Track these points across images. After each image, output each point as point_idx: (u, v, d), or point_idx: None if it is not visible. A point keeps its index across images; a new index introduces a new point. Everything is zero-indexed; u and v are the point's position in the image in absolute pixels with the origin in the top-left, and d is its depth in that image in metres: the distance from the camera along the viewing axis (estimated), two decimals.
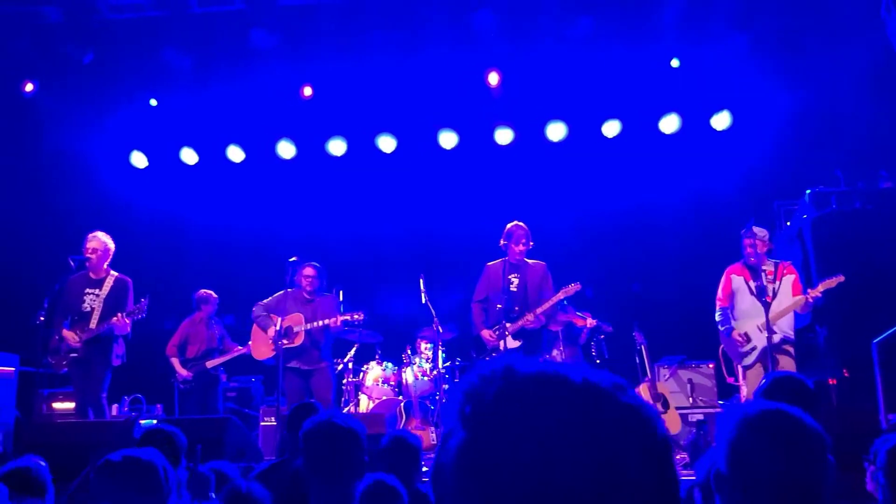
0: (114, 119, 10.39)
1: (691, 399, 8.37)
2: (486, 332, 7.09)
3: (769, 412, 1.78)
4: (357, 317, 7.28)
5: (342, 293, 7.83)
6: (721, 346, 7.05)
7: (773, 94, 9.29)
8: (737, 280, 6.78)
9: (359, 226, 10.65)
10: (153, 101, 10.30)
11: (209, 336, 8.86)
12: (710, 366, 8.40)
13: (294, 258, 7.46)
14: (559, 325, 8.33)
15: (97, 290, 6.99)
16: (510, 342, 6.95)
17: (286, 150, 10.62)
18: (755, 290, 6.52)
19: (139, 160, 10.81)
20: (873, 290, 7.02)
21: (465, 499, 0.75)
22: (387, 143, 10.48)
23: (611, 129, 10.06)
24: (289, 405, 6.49)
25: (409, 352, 9.03)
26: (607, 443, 0.73)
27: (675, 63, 9.48)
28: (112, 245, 7.20)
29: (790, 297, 6.54)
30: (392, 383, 8.84)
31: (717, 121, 9.78)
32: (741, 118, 9.69)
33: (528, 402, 0.75)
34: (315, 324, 7.33)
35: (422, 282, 7.91)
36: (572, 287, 7.31)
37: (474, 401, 0.77)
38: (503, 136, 10.30)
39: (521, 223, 7.25)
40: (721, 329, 6.84)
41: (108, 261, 7.16)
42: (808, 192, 8.14)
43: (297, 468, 3.05)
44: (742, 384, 6.70)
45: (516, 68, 9.81)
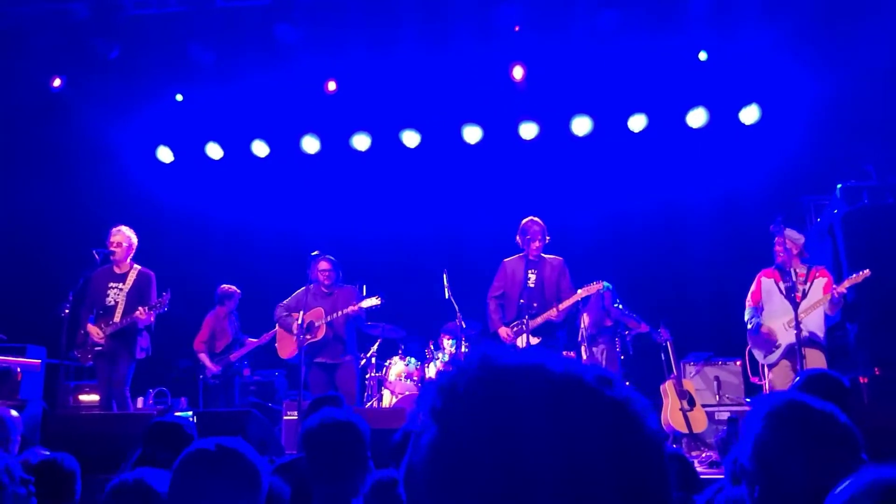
0: (140, 114, 10.47)
1: (718, 396, 8.25)
2: (504, 330, 7.01)
3: (795, 405, 1.72)
4: (375, 301, 7.24)
5: (365, 287, 7.81)
6: (748, 347, 6.95)
7: (803, 87, 9.11)
8: (767, 282, 6.71)
9: (382, 220, 10.63)
10: (179, 97, 10.37)
11: (233, 330, 8.96)
12: (738, 363, 8.27)
13: (316, 252, 7.45)
14: (612, 321, 8.26)
15: (121, 284, 7.03)
16: (531, 340, 6.88)
17: (310, 144, 10.64)
18: (785, 291, 6.43)
19: (165, 155, 10.89)
20: None
21: (434, 497, 0.69)
22: (411, 138, 10.45)
23: (637, 123, 9.94)
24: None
25: (432, 347, 9.00)
26: (587, 440, 0.68)
27: (703, 56, 9.34)
28: (136, 239, 7.24)
29: (820, 296, 6.43)
30: (415, 378, 8.81)
31: (746, 114, 9.63)
32: (770, 112, 9.53)
33: (502, 395, 0.69)
34: (335, 315, 7.31)
35: (445, 277, 7.87)
36: (594, 286, 7.23)
37: (446, 394, 0.72)
38: (528, 130, 10.22)
39: (536, 219, 7.15)
40: (749, 327, 6.74)
41: (132, 254, 7.21)
42: (838, 186, 7.97)
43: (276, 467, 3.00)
44: (765, 383, 6.59)
45: (541, 62, 9.72)
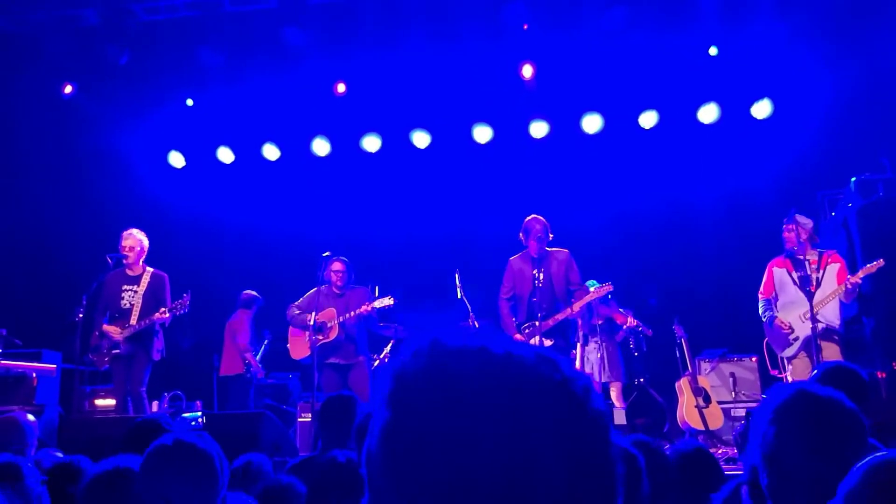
0: (151, 119, 10.52)
1: (734, 393, 8.19)
2: (518, 337, 6.96)
3: (802, 395, 1.70)
4: (388, 301, 7.22)
5: (377, 289, 7.81)
6: (765, 339, 6.89)
7: (815, 81, 9.04)
8: (779, 272, 6.63)
9: (394, 221, 10.63)
10: (189, 101, 10.41)
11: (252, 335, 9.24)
12: (753, 359, 8.20)
13: (327, 253, 7.45)
14: (600, 319, 8.23)
15: (135, 287, 7.06)
16: (543, 341, 6.83)
17: (321, 147, 10.65)
18: (798, 281, 6.37)
19: (177, 160, 10.93)
20: None
21: (388, 481, 0.70)
22: (421, 139, 10.44)
23: (648, 120, 9.89)
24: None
25: None
26: (529, 420, 0.68)
27: (714, 51, 9.29)
28: (147, 242, 7.27)
29: (834, 285, 6.36)
30: None
31: (758, 109, 9.56)
32: (782, 106, 9.45)
33: (447, 378, 0.70)
34: (347, 315, 7.30)
35: (457, 277, 7.85)
36: (604, 288, 7.19)
37: (396, 379, 0.73)
38: (538, 129, 10.19)
39: (538, 216, 7.09)
40: (764, 320, 6.69)
41: (144, 257, 7.24)
42: (853, 180, 7.90)
43: (329, 461, 2.97)
44: (785, 376, 6.54)
45: (551, 60, 9.69)
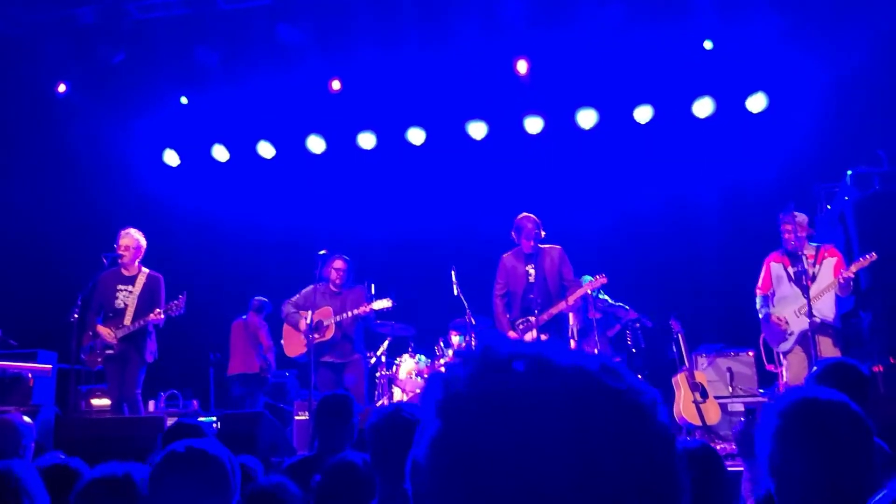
0: (146, 118, 10.50)
1: (731, 388, 8.18)
2: (512, 336, 6.94)
3: (807, 401, 1.68)
4: (386, 304, 7.19)
5: (374, 286, 7.79)
6: (762, 335, 6.89)
7: (810, 74, 9.03)
8: (776, 267, 6.64)
9: (390, 218, 10.62)
10: (184, 100, 10.37)
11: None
12: (750, 354, 8.20)
13: (324, 251, 7.43)
14: (599, 313, 8.21)
15: (130, 287, 7.03)
16: (539, 336, 6.82)
17: (316, 144, 10.63)
18: (794, 276, 6.38)
19: (172, 158, 10.91)
20: None
21: (439, 496, 0.67)
22: (416, 136, 10.42)
23: (643, 114, 9.88)
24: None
25: (441, 344, 8.98)
26: (591, 433, 0.65)
27: (709, 45, 9.27)
28: (144, 242, 7.24)
29: (830, 280, 6.37)
30: (425, 376, 8.79)
31: (753, 103, 9.55)
32: (777, 99, 9.45)
33: (506, 389, 0.67)
34: (344, 315, 7.28)
35: (453, 273, 7.83)
36: (598, 279, 7.19)
37: (449, 387, 0.70)
38: (533, 124, 10.17)
39: (530, 214, 7.07)
40: (760, 316, 6.69)
41: (140, 257, 7.21)
42: (849, 173, 7.89)
43: (335, 462, 2.93)
44: (781, 370, 6.54)
45: (545, 55, 9.67)
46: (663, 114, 9.84)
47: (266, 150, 10.73)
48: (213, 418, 5.89)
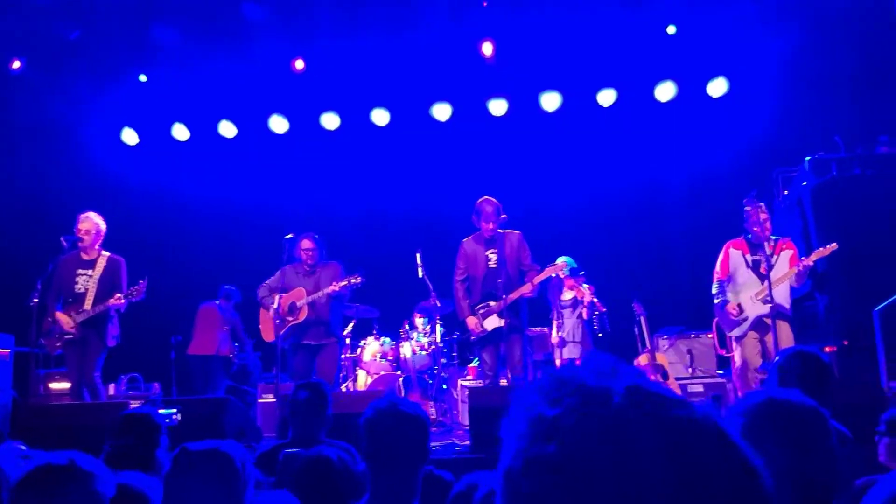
0: (104, 96, 10.27)
1: (691, 369, 8.35)
2: (472, 321, 6.96)
3: (770, 403, 1.74)
4: (355, 280, 7.14)
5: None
6: (715, 319, 7.02)
7: (771, 60, 9.17)
8: (735, 254, 6.73)
9: (354, 200, 10.57)
10: (143, 77, 10.16)
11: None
12: (710, 336, 8.33)
13: (290, 235, 7.34)
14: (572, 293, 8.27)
15: (90, 271, 6.90)
16: (495, 321, 6.86)
17: (279, 124, 10.50)
18: (752, 264, 6.50)
19: (130, 137, 10.70)
20: (874, 257, 6.96)
21: None
22: (380, 117, 10.36)
23: (606, 98, 9.95)
24: (296, 383, 6.41)
25: (406, 326, 9.00)
26: (693, 474, 0.68)
27: (672, 29, 9.35)
28: (104, 226, 7.10)
29: (786, 270, 6.50)
30: (390, 358, 8.81)
31: (714, 88, 9.67)
32: (738, 85, 9.58)
33: (605, 420, 0.69)
34: (317, 294, 7.21)
35: (418, 256, 7.84)
36: (559, 263, 7.24)
37: (553, 411, 0.71)
38: (497, 107, 10.18)
39: (490, 198, 7.06)
40: (716, 302, 6.80)
41: (101, 241, 7.08)
42: (807, 159, 8.05)
43: (317, 457, 2.90)
44: (733, 355, 6.67)
45: (510, 38, 9.67)
46: (626, 97, 9.93)
47: (228, 130, 10.58)
48: (174, 410, 5.80)
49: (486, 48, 9.69)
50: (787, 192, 8.57)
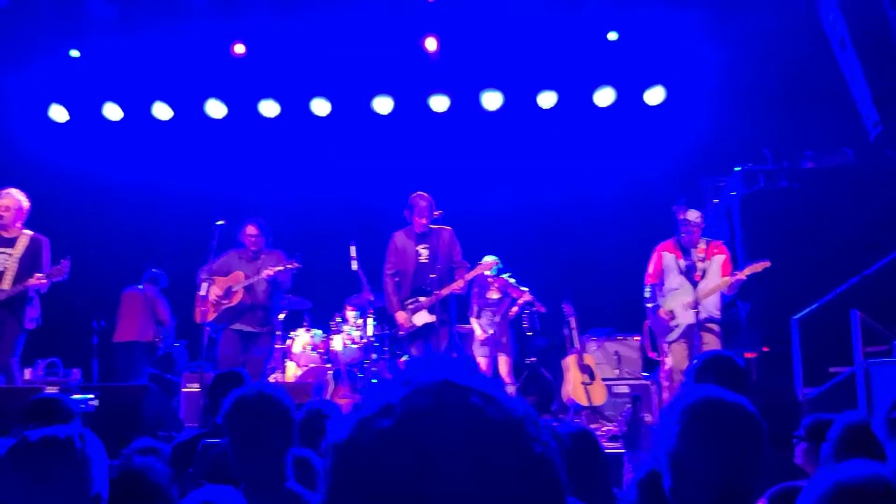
0: (30, 70, 9.88)
1: (618, 371, 8.51)
2: (401, 316, 6.96)
3: (708, 401, 1.78)
4: (290, 266, 7.05)
5: None
6: (647, 322, 7.15)
7: (707, 69, 9.37)
8: (667, 257, 6.84)
9: (290, 189, 10.43)
10: (74, 53, 9.82)
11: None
12: (637, 339, 8.53)
13: (221, 222, 7.20)
14: (498, 293, 8.33)
15: (9, 250, 6.65)
16: (425, 317, 6.87)
17: (216, 109, 10.28)
18: (684, 269, 6.62)
19: (59, 114, 10.32)
20: (795, 268, 7.19)
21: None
22: (321, 107, 10.24)
23: (547, 100, 10.03)
24: (220, 370, 6.28)
25: (338, 319, 8.93)
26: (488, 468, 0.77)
27: (613, 36, 9.48)
28: (27, 203, 6.85)
29: (719, 277, 6.65)
30: (321, 350, 8.75)
31: (651, 95, 9.85)
32: (674, 93, 9.77)
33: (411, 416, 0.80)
34: (254, 279, 7.09)
35: (353, 249, 7.79)
36: (489, 261, 7.30)
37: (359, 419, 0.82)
38: (439, 103, 10.16)
39: (423, 193, 7.10)
40: (649, 306, 6.92)
41: (23, 220, 6.83)
42: (736, 169, 8.26)
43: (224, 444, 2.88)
44: (664, 359, 6.81)
45: (454, 34, 9.67)
46: (566, 101, 10.02)
47: (162, 112, 10.31)
48: (90, 396, 5.59)
49: (430, 44, 9.67)
50: (716, 201, 8.78)
